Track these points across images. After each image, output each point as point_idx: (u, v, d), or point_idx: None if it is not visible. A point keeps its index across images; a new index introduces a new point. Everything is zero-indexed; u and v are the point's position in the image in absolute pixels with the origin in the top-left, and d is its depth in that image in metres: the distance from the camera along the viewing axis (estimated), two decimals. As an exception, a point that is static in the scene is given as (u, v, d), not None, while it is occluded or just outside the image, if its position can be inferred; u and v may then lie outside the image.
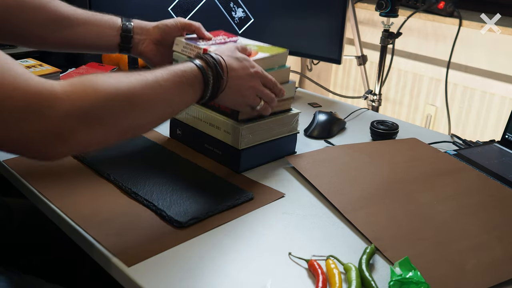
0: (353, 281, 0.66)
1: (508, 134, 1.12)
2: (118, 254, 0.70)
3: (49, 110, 0.60)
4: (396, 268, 0.70)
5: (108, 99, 0.66)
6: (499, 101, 2.08)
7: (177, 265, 0.69)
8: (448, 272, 0.70)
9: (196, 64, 0.79)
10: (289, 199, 0.88)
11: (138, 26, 0.99)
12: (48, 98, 0.61)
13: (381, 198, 0.86)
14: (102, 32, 0.97)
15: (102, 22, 0.97)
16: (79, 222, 0.77)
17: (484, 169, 1.00)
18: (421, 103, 2.35)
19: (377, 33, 1.79)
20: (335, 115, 1.19)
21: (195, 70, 0.79)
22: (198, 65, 0.79)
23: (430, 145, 1.07)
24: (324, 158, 0.99)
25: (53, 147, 0.63)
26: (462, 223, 0.81)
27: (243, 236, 0.77)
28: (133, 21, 0.99)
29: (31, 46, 1.00)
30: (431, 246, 0.76)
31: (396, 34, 1.70)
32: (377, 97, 1.81)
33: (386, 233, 0.78)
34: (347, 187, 0.89)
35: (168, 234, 0.76)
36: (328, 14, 1.31)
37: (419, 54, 2.32)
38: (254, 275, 0.68)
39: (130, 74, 0.72)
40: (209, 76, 0.80)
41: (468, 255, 0.73)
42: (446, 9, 2.04)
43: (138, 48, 1.00)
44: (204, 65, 0.80)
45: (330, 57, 1.35)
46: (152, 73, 0.74)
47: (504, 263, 0.73)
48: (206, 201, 0.84)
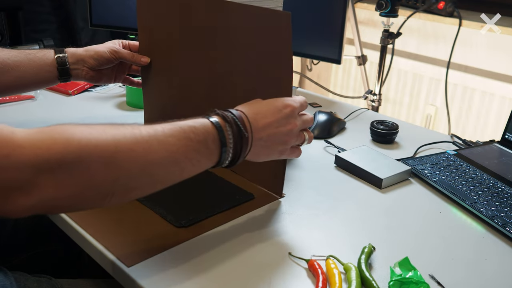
0: (353, 281, 0.66)
1: (508, 134, 1.12)
2: (118, 254, 0.70)
3: (5, 159, 0.53)
4: (396, 268, 0.70)
5: (82, 151, 0.56)
6: (499, 101, 2.08)
7: (177, 265, 0.69)
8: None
9: (211, 120, 0.67)
10: (289, 199, 0.88)
11: (73, 56, 1.01)
12: (4, 146, 0.53)
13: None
14: (39, 69, 0.99)
15: (36, 60, 0.99)
16: (79, 222, 0.77)
17: (484, 169, 1.00)
18: (421, 103, 2.35)
19: (377, 33, 1.79)
20: (335, 115, 1.19)
21: (207, 126, 0.67)
22: (213, 121, 0.67)
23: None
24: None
25: (14, 201, 0.54)
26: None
27: (243, 236, 0.77)
28: (66, 51, 1.01)
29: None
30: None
31: (396, 34, 1.71)
32: (377, 97, 1.81)
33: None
34: None
35: (168, 234, 0.76)
36: (328, 14, 1.31)
37: (419, 54, 2.32)
38: (254, 275, 0.68)
39: (121, 126, 0.62)
40: (227, 134, 0.67)
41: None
42: (446, 9, 2.05)
43: (79, 76, 1.03)
44: (220, 121, 0.68)
45: (330, 57, 1.35)
46: (151, 127, 0.63)
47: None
48: (206, 201, 0.84)
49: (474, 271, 0.72)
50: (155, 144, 0.62)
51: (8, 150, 0.53)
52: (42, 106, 1.25)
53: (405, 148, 1.12)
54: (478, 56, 2.12)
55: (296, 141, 0.76)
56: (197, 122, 0.66)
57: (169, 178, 0.65)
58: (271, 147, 0.73)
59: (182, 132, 0.64)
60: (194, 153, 0.65)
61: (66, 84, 1.36)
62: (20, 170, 0.53)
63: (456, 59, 2.13)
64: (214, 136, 0.66)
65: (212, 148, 0.66)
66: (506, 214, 0.84)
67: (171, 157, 0.63)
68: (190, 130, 0.65)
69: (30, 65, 0.98)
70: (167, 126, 0.64)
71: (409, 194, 0.93)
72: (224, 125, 0.68)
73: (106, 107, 1.27)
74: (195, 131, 0.65)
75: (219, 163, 0.68)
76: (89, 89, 1.38)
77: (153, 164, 0.62)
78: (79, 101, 1.31)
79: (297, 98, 0.77)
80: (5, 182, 0.53)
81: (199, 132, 0.65)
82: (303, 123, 0.77)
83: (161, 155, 0.62)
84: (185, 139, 0.64)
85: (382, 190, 0.93)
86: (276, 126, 0.72)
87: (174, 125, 0.65)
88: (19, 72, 0.97)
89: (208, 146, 0.66)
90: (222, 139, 0.67)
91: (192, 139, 0.64)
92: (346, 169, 1.00)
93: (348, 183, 0.96)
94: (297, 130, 0.75)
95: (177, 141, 0.63)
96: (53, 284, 0.80)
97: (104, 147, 0.58)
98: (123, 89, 1.40)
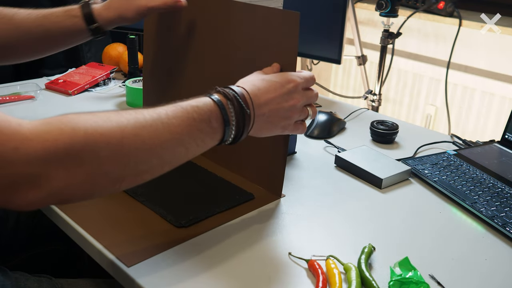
0: (353, 281, 0.66)
1: (508, 134, 1.12)
2: (118, 254, 0.70)
3: (14, 152, 0.52)
4: (396, 268, 0.70)
5: (90, 140, 0.56)
6: (499, 101, 2.08)
7: (177, 265, 0.69)
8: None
9: (213, 98, 0.68)
10: (289, 199, 0.88)
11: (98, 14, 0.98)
12: (12, 139, 0.53)
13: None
14: (64, 17, 0.97)
15: (59, 10, 0.98)
16: (79, 222, 0.77)
17: (484, 169, 1.00)
18: (421, 103, 2.35)
19: (377, 33, 1.79)
20: (335, 115, 1.19)
21: (210, 104, 0.67)
22: (215, 99, 0.68)
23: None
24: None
25: (24, 194, 0.54)
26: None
27: (243, 236, 0.77)
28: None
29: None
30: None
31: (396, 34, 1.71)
32: (377, 97, 1.81)
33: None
34: None
35: (168, 234, 0.76)
36: (328, 14, 1.31)
37: (419, 54, 2.32)
38: (254, 275, 0.68)
39: (124, 112, 0.62)
40: (229, 111, 0.68)
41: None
42: (446, 9, 2.05)
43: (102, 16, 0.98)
44: (222, 99, 0.68)
45: (330, 57, 1.35)
46: (154, 110, 0.64)
47: None
48: (206, 201, 0.84)
49: (474, 271, 0.72)
50: (159, 127, 0.62)
51: (16, 143, 0.53)
52: (42, 106, 1.25)
53: (405, 148, 1.12)
54: (478, 56, 2.12)
55: (299, 116, 0.76)
56: (200, 102, 0.67)
57: (176, 159, 0.66)
58: (273, 123, 0.74)
59: (185, 112, 0.64)
60: (198, 132, 0.65)
61: (66, 84, 1.37)
62: (29, 163, 0.53)
63: (456, 59, 2.13)
64: (217, 115, 0.67)
65: (215, 127, 0.67)
66: (506, 214, 0.84)
67: (176, 139, 0.63)
68: (193, 110, 0.65)
69: (54, 13, 0.96)
70: (170, 108, 0.64)
71: (409, 194, 0.93)
72: (226, 102, 0.68)
73: (106, 107, 1.27)
74: (197, 110, 0.65)
75: (222, 140, 0.69)
76: (89, 89, 1.39)
77: (159, 147, 0.62)
78: (79, 101, 1.31)
79: (302, 74, 0.77)
80: (14, 176, 0.53)
81: (202, 111, 0.65)
82: (307, 99, 0.76)
83: (166, 137, 0.62)
84: (188, 119, 0.64)
85: (382, 190, 0.93)
86: (278, 102, 0.73)
87: (176, 106, 0.65)
88: (44, 21, 0.96)
89: (211, 125, 0.66)
90: (225, 117, 0.67)
91: (195, 119, 0.65)
92: (346, 169, 1.00)
93: (348, 183, 0.96)
94: (301, 106, 0.75)
95: (181, 122, 0.64)
96: (53, 284, 0.80)
97: (110, 134, 0.58)
98: (123, 89, 1.40)
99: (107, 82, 1.44)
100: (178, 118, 0.64)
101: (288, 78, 0.74)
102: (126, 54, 1.45)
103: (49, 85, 1.38)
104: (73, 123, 0.57)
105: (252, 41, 0.86)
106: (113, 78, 1.48)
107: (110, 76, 1.45)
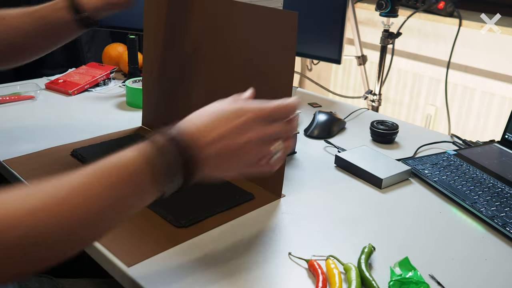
0: (353, 281, 0.66)
1: (508, 134, 1.12)
2: (118, 254, 0.70)
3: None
4: (396, 268, 0.70)
5: (3, 237, 0.48)
6: (499, 101, 2.08)
7: (177, 265, 0.69)
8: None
9: (145, 155, 0.57)
10: (289, 199, 0.88)
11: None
12: None
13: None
14: (51, 11, 0.94)
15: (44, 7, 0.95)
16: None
17: (484, 169, 1.00)
18: (421, 103, 2.35)
19: (377, 33, 1.79)
20: (335, 115, 1.19)
21: (140, 166, 0.57)
22: (148, 156, 0.57)
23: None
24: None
25: None
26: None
27: (243, 236, 0.77)
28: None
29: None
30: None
31: (396, 34, 1.71)
32: (377, 97, 1.81)
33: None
34: None
35: (168, 234, 0.76)
36: (328, 14, 1.31)
37: (419, 54, 2.32)
38: (254, 275, 0.68)
39: (44, 186, 0.55)
40: (164, 168, 0.57)
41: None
42: (446, 9, 2.05)
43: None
44: (155, 153, 0.57)
45: (330, 57, 1.35)
46: (78, 176, 0.56)
47: None
48: (206, 201, 0.84)
49: (474, 271, 0.72)
50: (75, 206, 0.53)
51: None
52: (42, 106, 1.25)
53: (405, 148, 1.12)
54: (478, 56, 2.12)
55: (261, 153, 0.63)
56: (130, 162, 0.57)
57: (113, 225, 0.58)
58: (229, 162, 0.62)
59: (115, 184, 0.55)
60: (132, 199, 0.58)
61: (66, 84, 1.37)
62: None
63: (456, 59, 2.13)
64: (152, 176, 0.57)
65: (152, 187, 0.58)
66: (506, 214, 0.84)
67: (109, 213, 0.56)
68: (122, 177, 0.56)
69: (41, 9, 0.93)
70: (97, 179, 0.55)
71: (409, 194, 0.93)
72: (160, 157, 0.57)
73: (106, 107, 1.27)
74: (128, 176, 0.56)
75: (166, 192, 0.61)
76: (89, 89, 1.39)
77: (90, 224, 0.54)
78: (79, 101, 1.31)
79: (269, 103, 0.64)
80: None
81: (133, 175, 0.56)
82: (273, 133, 0.64)
83: (97, 216, 0.54)
84: (119, 189, 0.56)
85: (382, 190, 0.93)
86: (231, 137, 0.61)
87: (106, 176, 0.55)
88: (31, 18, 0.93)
89: (144, 187, 0.58)
90: (161, 176, 0.58)
91: (127, 184, 0.56)
92: (346, 169, 1.00)
93: (348, 183, 0.96)
94: (259, 141, 0.63)
95: (113, 194, 0.55)
96: (54, 284, 0.80)
97: (19, 224, 0.50)
98: (123, 89, 1.40)
99: (107, 82, 1.44)
100: (108, 189, 0.55)
101: (242, 109, 0.63)
102: (126, 54, 1.45)
103: (49, 85, 1.38)
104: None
105: (251, 41, 0.86)
106: (113, 78, 1.48)
107: (110, 76, 1.46)
